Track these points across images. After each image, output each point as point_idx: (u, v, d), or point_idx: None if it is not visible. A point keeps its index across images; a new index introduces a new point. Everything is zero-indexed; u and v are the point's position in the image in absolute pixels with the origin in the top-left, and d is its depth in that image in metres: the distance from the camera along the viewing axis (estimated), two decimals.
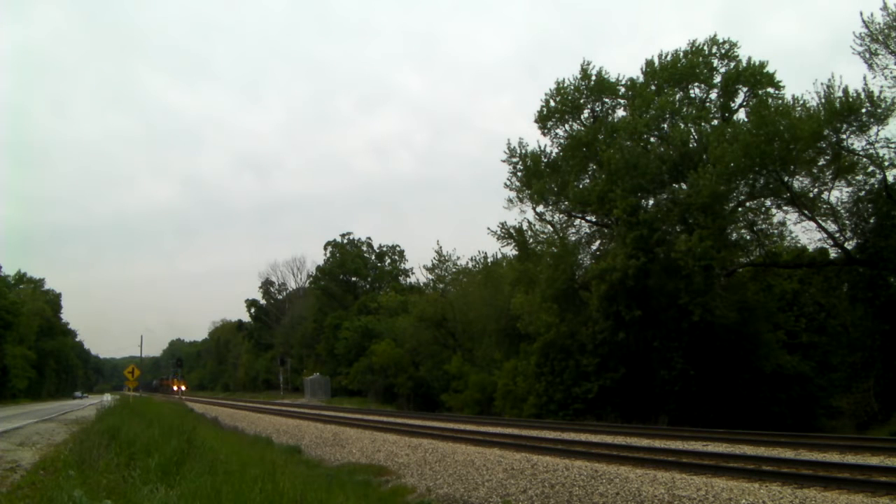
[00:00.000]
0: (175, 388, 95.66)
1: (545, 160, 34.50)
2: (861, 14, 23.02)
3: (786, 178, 25.34)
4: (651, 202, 30.48)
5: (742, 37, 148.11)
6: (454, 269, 50.94)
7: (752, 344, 27.58)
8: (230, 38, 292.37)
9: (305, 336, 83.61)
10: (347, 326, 64.94)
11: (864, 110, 22.93)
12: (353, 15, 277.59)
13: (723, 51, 30.86)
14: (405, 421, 29.10)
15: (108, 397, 50.41)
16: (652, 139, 31.11)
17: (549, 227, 35.47)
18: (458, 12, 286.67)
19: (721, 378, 27.04)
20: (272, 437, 25.94)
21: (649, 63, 32.33)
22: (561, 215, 34.66)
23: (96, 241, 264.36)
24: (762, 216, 27.50)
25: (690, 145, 29.05)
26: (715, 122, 30.64)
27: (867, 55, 23.02)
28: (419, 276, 79.06)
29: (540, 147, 34.86)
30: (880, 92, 22.80)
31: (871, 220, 24.86)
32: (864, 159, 24.17)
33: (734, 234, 28.52)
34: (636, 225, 28.05)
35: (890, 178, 24.26)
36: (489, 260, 46.07)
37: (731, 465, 12.37)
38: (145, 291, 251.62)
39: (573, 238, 34.53)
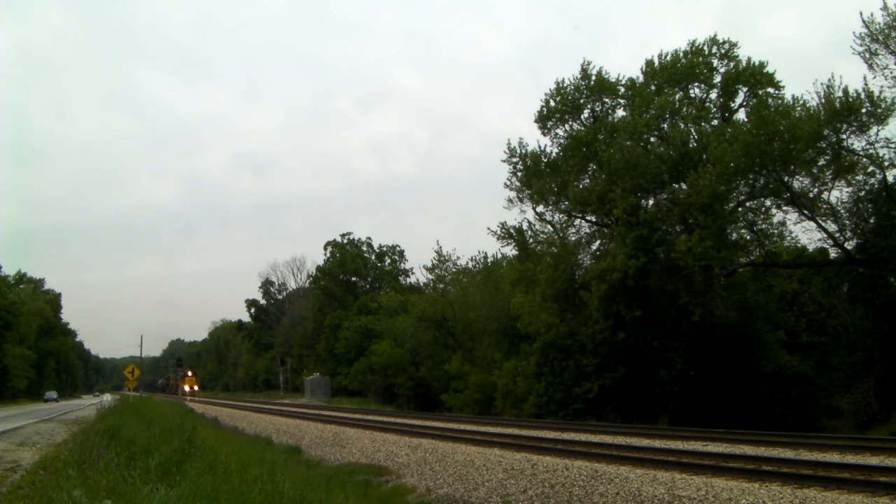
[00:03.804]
0: (187, 388, 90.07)
1: (545, 160, 34.46)
2: (861, 14, 22.99)
3: (786, 178, 25.33)
4: (651, 202, 30.49)
5: (742, 37, 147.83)
6: (454, 270, 50.93)
7: (752, 344, 27.57)
8: (230, 38, 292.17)
9: (305, 336, 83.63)
10: (347, 326, 64.98)
11: (864, 110, 22.90)
12: (353, 15, 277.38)
13: (723, 51, 30.85)
14: (405, 421, 29.11)
15: (107, 397, 50.41)
16: (652, 139, 31.10)
17: (549, 227, 35.47)
18: (458, 12, 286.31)
19: (721, 378, 27.04)
20: (272, 437, 25.95)
21: (649, 63, 32.32)
22: (561, 215, 34.67)
23: (96, 241, 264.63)
24: (762, 216, 27.48)
25: (690, 145, 29.04)
26: (715, 122, 30.63)
27: (867, 55, 22.98)
28: (419, 276, 79.13)
29: (540, 147, 34.86)
30: (880, 92, 22.79)
31: (871, 220, 24.83)
32: (864, 159, 24.15)
33: (734, 234, 28.51)
34: (636, 225, 28.05)
35: (890, 178, 24.25)
36: (489, 260, 46.13)
37: (731, 465, 12.38)
38: (145, 291, 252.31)
39: (573, 238, 34.53)
